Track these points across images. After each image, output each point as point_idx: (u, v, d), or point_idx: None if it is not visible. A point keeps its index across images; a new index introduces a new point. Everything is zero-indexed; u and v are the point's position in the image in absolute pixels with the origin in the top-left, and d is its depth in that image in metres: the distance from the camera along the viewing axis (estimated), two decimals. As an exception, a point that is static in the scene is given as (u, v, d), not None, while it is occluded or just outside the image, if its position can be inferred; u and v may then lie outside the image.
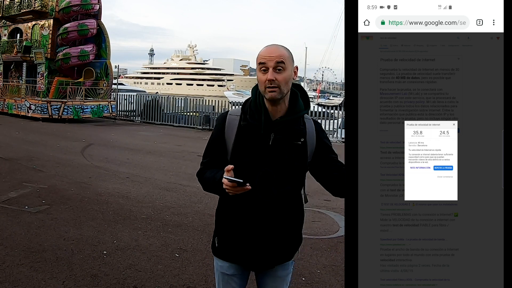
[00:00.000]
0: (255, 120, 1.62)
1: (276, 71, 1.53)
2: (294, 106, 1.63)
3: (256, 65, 1.59)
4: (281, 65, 1.53)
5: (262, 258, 1.66)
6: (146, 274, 3.33)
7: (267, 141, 1.61)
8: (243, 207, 1.63)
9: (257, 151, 1.61)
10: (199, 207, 5.20)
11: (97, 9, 17.40)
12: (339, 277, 3.41)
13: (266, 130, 1.60)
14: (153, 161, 8.45)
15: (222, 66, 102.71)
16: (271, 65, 1.53)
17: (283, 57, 1.54)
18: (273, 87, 1.53)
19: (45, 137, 11.18)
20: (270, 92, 1.54)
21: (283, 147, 1.61)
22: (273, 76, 1.52)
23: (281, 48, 1.58)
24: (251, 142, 1.62)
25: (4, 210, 4.78)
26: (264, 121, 1.60)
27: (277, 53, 1.54)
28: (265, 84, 1.54)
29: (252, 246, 1.64)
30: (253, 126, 1.62)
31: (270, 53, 1.54)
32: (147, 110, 16.97)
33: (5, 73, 18.77)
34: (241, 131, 1.65)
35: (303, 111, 1.65)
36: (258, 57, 1.57)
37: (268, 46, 1.59)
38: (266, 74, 1.54)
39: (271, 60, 1.53)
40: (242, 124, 1.65)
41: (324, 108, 15.14)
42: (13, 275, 3.18)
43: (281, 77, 1.53)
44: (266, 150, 1.60)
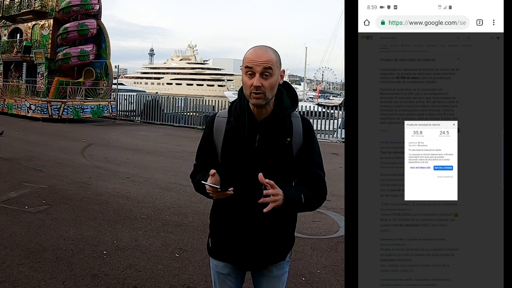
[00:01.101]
0: (239, 123, 1.61)
1: (263, 76, 1.50)
2: (279, 105, 1.61)
3: (242, 67, 1.55)
4: (268, 71, 1.49)
5: (254, 257, 1.67)
6: (146, 274, 3.33)
7: (252, 143, 1.60)
8: (235, 207, 1.63)
9: (243, 153, 1.60)
10: (199, 207, 5.20)
11: (97, 9, 17.39)
12: (339, 277, 3.41)
13: (250, 132, 1.59)
14: (153, 161, 8.44)
15: (222, 66, 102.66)
16: (258, 70, 1.49)
17: (270, 63, 1.50)
18: (258, 93, 1.51)
19: (45, 137, 11.18)
20: (255, 98, 1.52)
21: (269, 148, 1.59)
22: (259, 83, 1.49)
23: (269, 51, 1.53)
24: (238, 144, 1.62)
25: (4, 210, 4.78)
26: (248, 123, 1.59)
27: (264, 57, 1.50)
28: (250, 89, 1.51)
29: (245, 246, 1.65)
30: (238, 129, 1.61)
31: (258, 57, 1.50)
32: (147, 110, 16.97)
33: (5, 73, 18.77)
34: (228, 134, 1.65)
35: (288, 110, 1.62)
36: (244, 60, 1.53)
37: (255, 48, 1.54)
38: (252, 78, 1.50)
39: (258, 65, 1.49)
40: (227, 128, 1.65)
41: (324, 108, 15.14)
42: (13, 275, 3.18)
43: (267, 83, 1.50)
44: (252, 152, 1.60)
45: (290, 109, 1.63)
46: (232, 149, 1.63)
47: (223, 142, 1.65)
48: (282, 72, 1.59)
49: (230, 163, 1.63)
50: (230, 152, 1.64)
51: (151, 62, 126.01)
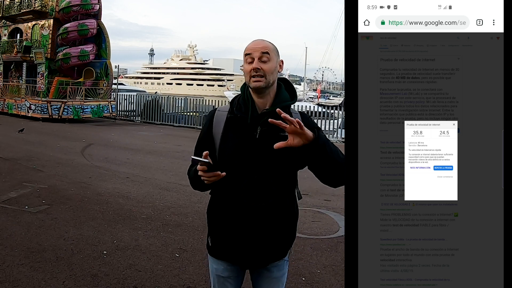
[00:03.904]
0: (241, 112, 1.64)
1: (261, 61, 1.58)
2: (279, 97, 1.66)
3: (243, 59, 1.65)
4: (266, 56, 1.59)
5: (254, 255, 1.66)
6: (146, 274, 3.33)
7: (253, 134, 1.61)
8: (233, 205, 1.63)
9: (244, 144, 1.61)
10: (199, 207, 5.20)
11: (97, 9, 17.39)
12: (339, 277, 3.41)
13: (252, 122, 1.61)
14: (153, 161, 8.44)
15: (222, 66, 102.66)
16: (256, 55, 1.59)
17: (267, 49, 1.60)
18: (258, 76, 1.58)
19: (45, 137, 11.18)
20: (255, 81, 1.59)
21: (270, 140, 1.58)
22: (258, 65, 1.58)
23: (266, 41, 1.65)
24: (238, 135, 1.63)
25: (4, 210, 4.78)
26: (251, 113, 1.62)
27: (262, 44, 1.61)
28: (250, 73, 1.59)
29: (244, 244, 1.64)
30: (240, 118, 1.64)
31: (256, 45, 1.61)
32: (147, 110, 16.97)
33: (5, 73, 18.77)
34: (228, 124, 1.66)
35: (288, 102, 1.67)
36: (244, 51, 1.63)
37: (254, 40, 1.66)
38: (252, 64, 1.59)
39: (256, 50, 1.59)
40: (228, 117, 1.67)
41: (324, 108, 15.14)
42: (13, 275, 3.18)
43: (266, 66, 1.58)
44: (253, 143, 1.60)
45: (290, 101, 1.68)
46: (232, 140, 1.63)
47: (222, 132, 1.66)
48: (281, 62, 1.67)
49: (229, 154, 1.63)
50: (229, 143, 1.64)
51: (151, 62, 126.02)
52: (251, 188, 1.59)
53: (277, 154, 1.57)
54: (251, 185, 1.59)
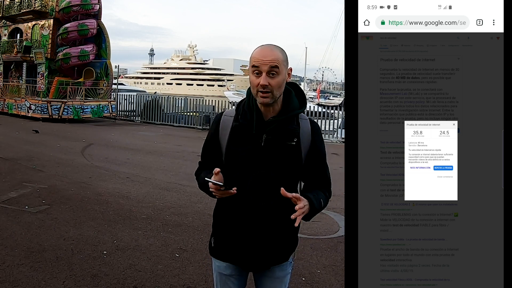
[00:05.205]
0: (247, 120, 1.60)
1: (270, 75, 1.49)
2: (287, 105, 1.61)
3: (249, 67, 1.55)
4: (275, 70, 1.49)
5: (257, 258, 1.66)
6: (146, 274, 3.33)
7: (259, 142, 1.59)
8: (238, 207, 1.63)
9: (249, 152, 1.60)
10: (199, 207, 5.20)
11: (97, 9, 17.38)
12: (339, 277, 3.41)
13: (258, 131, 1.59)
14: (153, 161, 8.44)
15: (222, 66, 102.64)
16: (264, 70, 1.49)
17: (277, 61, 1.49)
18: (265, 92, 1.51)
19: (45, 137, 11.18)
20: (262, 97, 1.52)
21: (276, 148, 1.58)
22: (266, 81, 1.48)
23: (276, 50, 1.52)
24: (244, 143, 1.61)
25: (4, 210, 4.78)
26: (256, 121, 1.58)
27: (271, 56, 1.49)
28: (257, 88, 1.51)
29: (247, 246, 1.64)
30: (245, 126, 1.61)
31: (265, 56, 1.49)
32: (147, 110, 16.96)
33: (5, 73, 18.76)
34: (234, 132, 1.64)
35: (296, 111, 1.61)
36: (251, 59, 1.53)
37: (262, 47, 1.53)
38: (259, 78, 1.50)
39: (265, 64, 1.48)
40: (234, 125, 1.64)
41: (324, 108, 15.14)
42: (13, 275, 3.18)
43: (274, 81, 1.50)
44: (258, 151, 1.59)
45: (298, 109, 1.62)
46: (238, 148, 1.62)
47: (228, 139, 1.64)
48: (290, 70, 1.58)
49: (234, 161, 1.62)
50: (235, 150, 1.62)
51: (151, 62, 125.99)
52: (256, 190, 1.60)
53: (282, 162, 1.58)
54: (256, 186, 1.60)
